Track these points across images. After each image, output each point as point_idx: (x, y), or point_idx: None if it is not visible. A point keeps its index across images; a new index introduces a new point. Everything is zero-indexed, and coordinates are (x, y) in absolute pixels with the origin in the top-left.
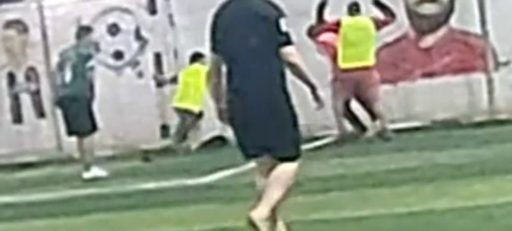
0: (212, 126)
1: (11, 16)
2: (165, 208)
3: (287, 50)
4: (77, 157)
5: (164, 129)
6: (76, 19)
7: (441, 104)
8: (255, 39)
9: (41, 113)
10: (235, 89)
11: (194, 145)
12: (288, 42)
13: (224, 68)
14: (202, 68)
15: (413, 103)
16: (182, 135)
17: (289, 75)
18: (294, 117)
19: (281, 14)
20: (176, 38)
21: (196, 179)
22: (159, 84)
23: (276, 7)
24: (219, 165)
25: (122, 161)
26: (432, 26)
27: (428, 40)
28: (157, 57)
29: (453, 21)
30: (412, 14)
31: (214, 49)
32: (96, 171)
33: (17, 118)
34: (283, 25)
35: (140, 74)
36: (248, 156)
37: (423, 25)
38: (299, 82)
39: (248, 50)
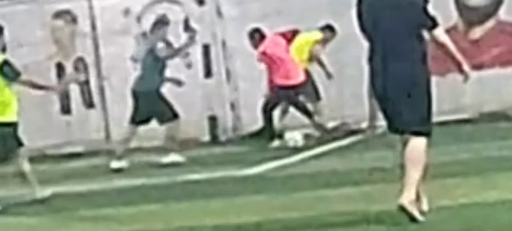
0: (256, 117)
1: (60, 6)
2: (213, 199)
3: (437, 32)
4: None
5: (212, 120)
6: (124, 10)
7: (490, 96)
8: (402, 21)
9: (89, 104)
10: (379, 66)
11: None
12: (435, 24)
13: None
14: None
15: (461, 95)
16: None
17: None
18: (429, 97)
19: None
20: (224, 29)
21: (245, 170)
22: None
23: None
24: (267, 156)
25: (170, 152)
26: (481, 18)
27: (477, 32)
28: (206, 48)
29: (502, 13)
30: (460, 6)
31: (362, 28)
32: (173, 157)
33: (66, 109)
34: (430, 9)
35: (189, 65)
36: (392, 130)
37: (472, 17)
38: None
39: (394, 31)
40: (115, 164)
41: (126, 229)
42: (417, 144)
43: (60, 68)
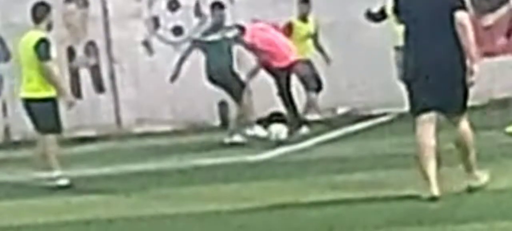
0: (267, 103)
1: None
2: (225, 184)
3: (460, 14)
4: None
5: (223, 105)
6: None
7: (500, 83)
8: (435, 3)
9: (100, 88)
10: (416, 48)
11: None
12: (462, 8)
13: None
14: None
15: None
16: None
17: None
18: (465, 75)
19: None
20: (235, 14)
21: (257, 155)
22: None
23: None
24: (279, 141)
25: (181, 137)
26: (493, 5)
27: (489, 19)
28: None
29: None
30: None
31: (396, 11)
32: (258, 130)
33: (76, 93)
34: None
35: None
36: (420, 111)
37: (484, 4)
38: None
39: (430, 13)
40: (227, 139)
41: (137, 212)
42: (465, 131)
43: (70, 52)
